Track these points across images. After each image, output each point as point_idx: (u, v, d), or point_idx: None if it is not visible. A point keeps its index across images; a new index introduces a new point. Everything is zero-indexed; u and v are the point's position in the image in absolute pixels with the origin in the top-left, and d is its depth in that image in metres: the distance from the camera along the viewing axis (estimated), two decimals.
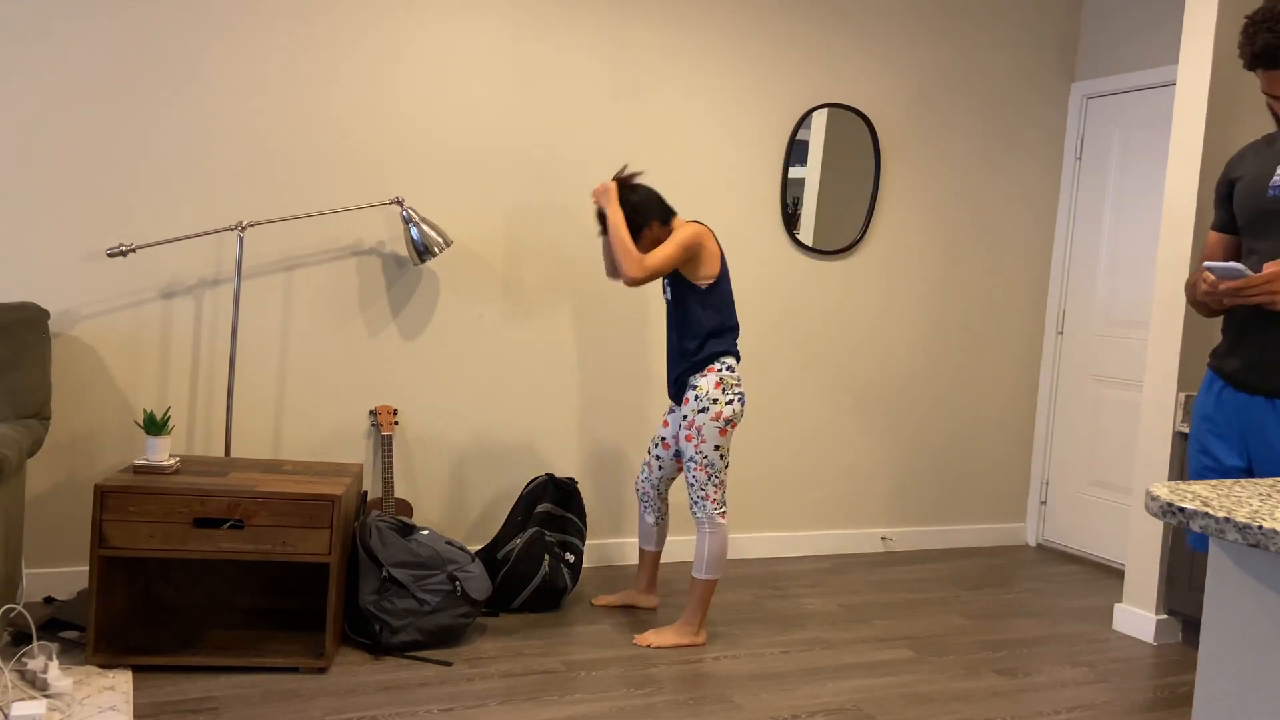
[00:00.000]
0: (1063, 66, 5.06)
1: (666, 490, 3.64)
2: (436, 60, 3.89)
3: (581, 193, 4.16)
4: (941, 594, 4.24)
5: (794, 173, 4.53)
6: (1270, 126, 3.83)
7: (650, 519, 3.67)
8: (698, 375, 3.35)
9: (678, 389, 3.45)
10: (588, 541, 4.28)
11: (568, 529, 3.80)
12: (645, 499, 3.66)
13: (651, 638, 3.41)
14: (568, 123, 4.12)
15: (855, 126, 4.62)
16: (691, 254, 3.31)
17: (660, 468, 3.60)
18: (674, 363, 3.44)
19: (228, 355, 3.68)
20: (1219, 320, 3.80)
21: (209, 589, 3.39)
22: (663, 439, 3.58)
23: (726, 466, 3.34)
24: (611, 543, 4.32)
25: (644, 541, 3.71)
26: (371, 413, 3.89)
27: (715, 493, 3.35)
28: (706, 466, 3.32)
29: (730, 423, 3.32)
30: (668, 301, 3.47)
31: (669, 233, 3.40)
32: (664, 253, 3.27)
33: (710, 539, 3.37)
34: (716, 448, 3.32)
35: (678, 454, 3.54)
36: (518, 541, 3.64)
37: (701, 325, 3.36)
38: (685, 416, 3.35)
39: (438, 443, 4.01)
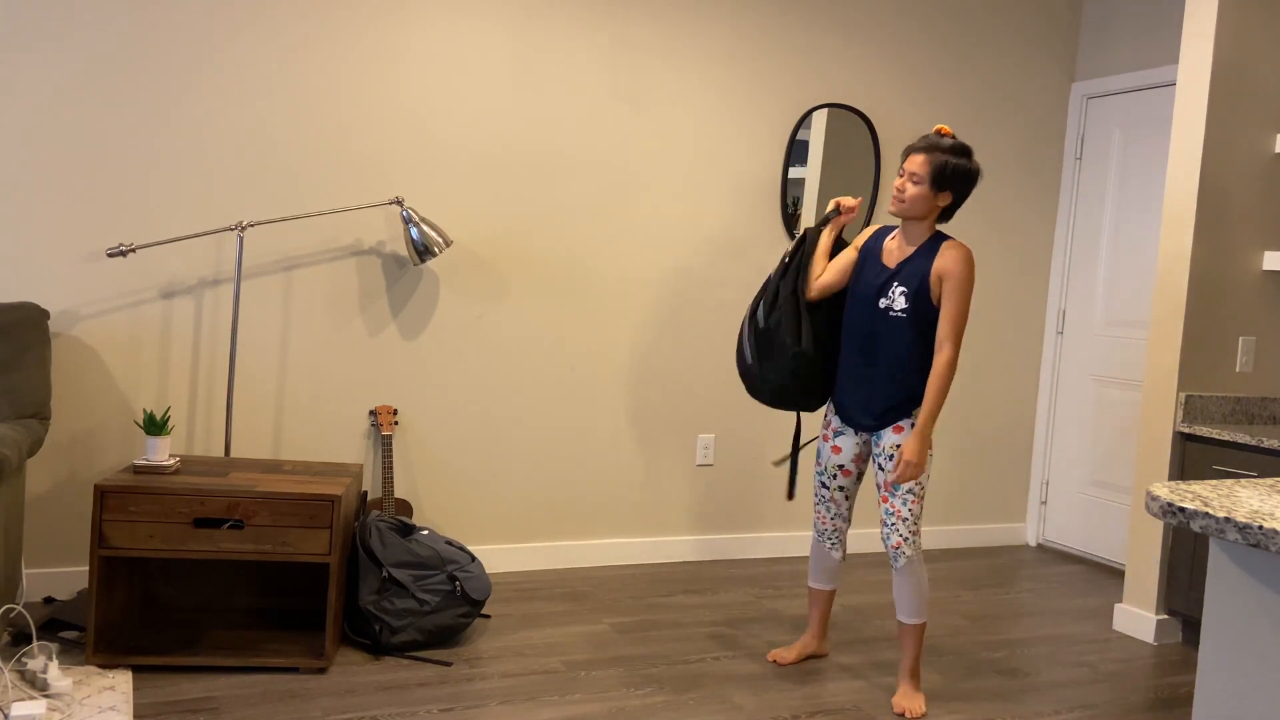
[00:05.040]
0: (1063, 66, 5.06)
1: (850, 520, 3.30)
2: (436, 60, 3.89)
3: (581, 192, 4.16)
4: (941, 594, 4.24)
5: (794, 173, 4.53)
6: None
7: (838, 554, 3.28)
8: (914, 406, 3.02)
9: (878, 417, 3.05)
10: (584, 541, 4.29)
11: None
12: (837, 535, 3.25)
13: (911, 706, 3.04)
14: (568, 122, 4.12)
15: (855, 126, 4.62)
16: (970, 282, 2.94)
17: (847, 498, 3.22)
18: (882, 387, 3.03)
19: (228, 355, 3.68)
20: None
21: (209, 589, 3.39)
22: (841, 467, 3.17)
23: None
24: (607, 543, 4.32)
25: (825, 581, 3.33)
26: (371, 413, 3.89)
27: (919, 527, 3.05)
28: (922, 498, 3.02)
29: None
30: (888, 314, 3.00)
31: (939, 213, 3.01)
32: (963, 306, 2.91)
33: (921, 577, 3.04)
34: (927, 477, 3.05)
35: (860, 476, 3.21)
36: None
37: (927, 353, 3.00)
38: (900, 445, 3.01)
39: (438, 443, 4.01)
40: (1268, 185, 3.85)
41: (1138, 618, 3.86)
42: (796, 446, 3.35)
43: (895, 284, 2.99)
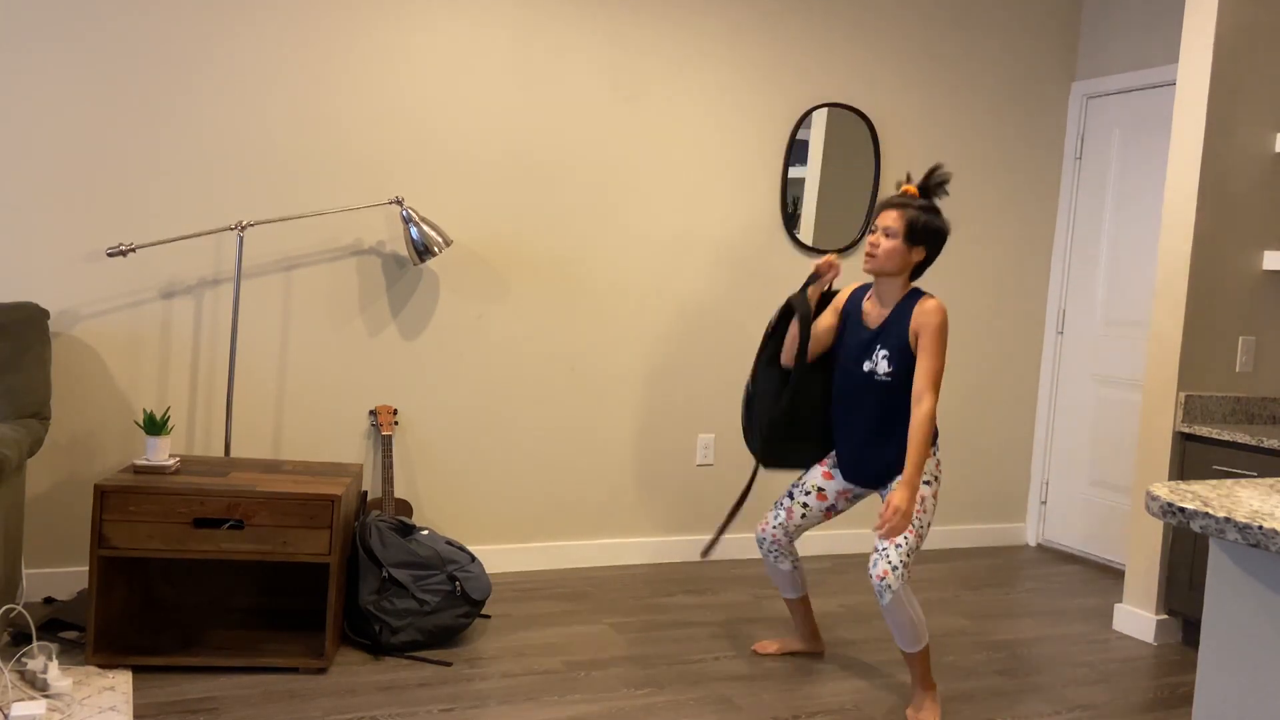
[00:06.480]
0: (1063, 66, 5.06)
1: (797, 538, 3.29)
2: (436, 60, 3.89)
3: (581, 192, 4.16)
4: (942, 594, 4.24)
5: (794, 172, 4.53)
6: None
7: (786, 565, 3.27)
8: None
9: (877, 476, 3.07)
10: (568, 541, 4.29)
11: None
12: (776, 546, 3.24)
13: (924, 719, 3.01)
14: (568, 122, 4.12)
15: (855, 126, 4.62)
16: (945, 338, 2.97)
17: (803, 515, 3.20)
18: (878, 449, 3.04)
19: (228, 355, 3.68)
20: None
21: (209, 589, 3.39)
22: (819, 489, 3.19)
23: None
24: (607, 543, 4.33)
25: (789, 590, 3.33)
26: (371, 413, 3.89)
27: (909, 564, 2.94)
28: (922, 536, 2.95)
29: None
30: (873, 378, 3.00)
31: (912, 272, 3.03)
32: (939, 358, 2.90)
33: (911, 608, 2.93)
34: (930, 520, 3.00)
35: (831, 508, 3.20)
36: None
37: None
38: (890, 497, 2.94)
39: (438, 443, 4.01)
40: (1268, 185, 3.85)
41: (1138, 618, 3.86)
42: (735, 509, 3.25)
43: (878, 347, 3.00)
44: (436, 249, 3.70)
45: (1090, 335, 4.95)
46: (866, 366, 3.02)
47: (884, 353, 2.99)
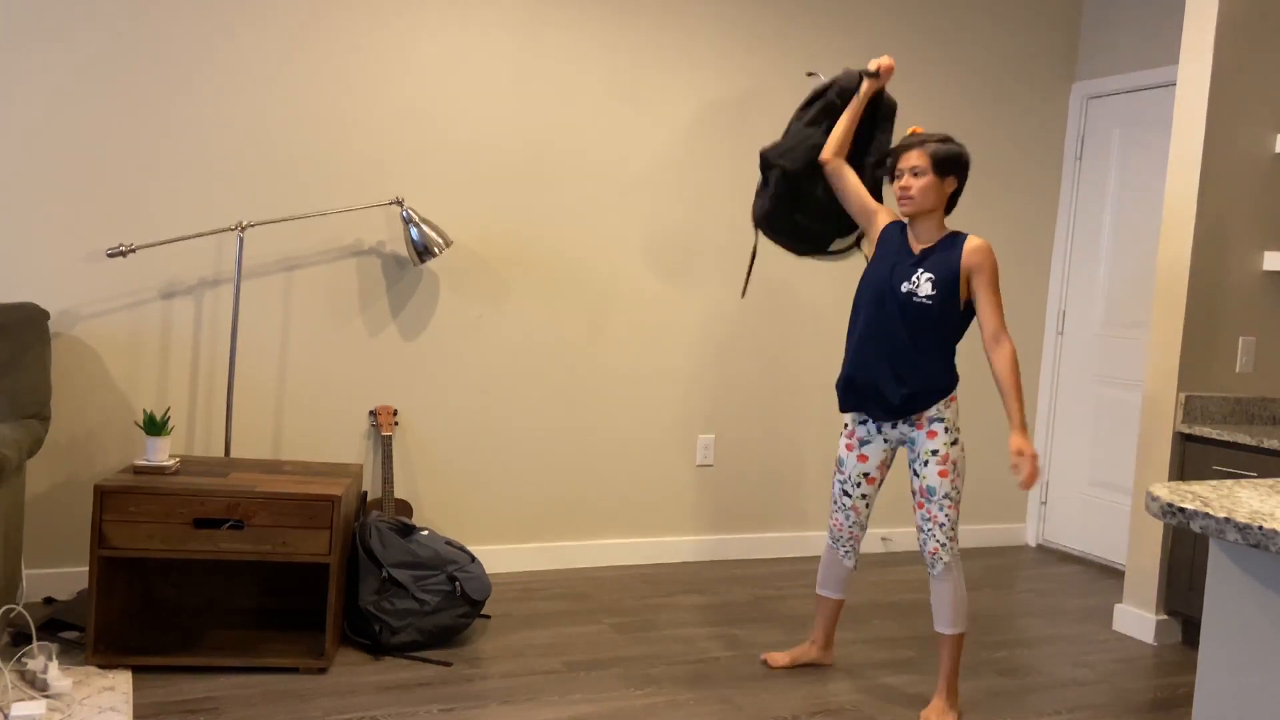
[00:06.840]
0: (1063, 66, 5.06)
1: (867, 527, 3.25)
2: (436, 61, 3.89)
3: (581, 192, 4.16)
4: None
5: None
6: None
7: (850, 563, 3.24)
8: (942, 403, 2.97)
9: (906, 400, 2.97)
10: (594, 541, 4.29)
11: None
12: (852, 543, 3.21)
13: None
14: (567, 123, 4.12)
15: None
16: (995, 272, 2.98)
17: (866, 505, 3.17)
18: (906, 372, 2.97)
19: (228, 355, 3.68)
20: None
21: (209, 589, 3.39)
22: (866, 475, 3.13)
23: None
24: (607, 543, 4.33)
25: (834, 589, 3.28)
26: (371, 413, 3.90)
27: (956, 533, 3.00)
28: (959, 503, 2.98)
29: None
30: (912, 299, 2.95)
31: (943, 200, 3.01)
32: (995, 295, 2.94)
33: (959, 585, 2.99)
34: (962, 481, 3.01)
35: (880, 483, 3.17)
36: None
37: (951, 344, 2.98)
38: (936, 451, 2.95)
39: (438, 443, 4.01)
40: (1268, 185, 3.85)
41: (1138, 618, 3.86)
42: (751, 264, 3.53)
43: (921, 271, 2.96)
44: (437, 249, 3.70)
45: (1090, 335, 4.95)
46: (905, 288, 2.96)
47: (928, 276, 2.95)
